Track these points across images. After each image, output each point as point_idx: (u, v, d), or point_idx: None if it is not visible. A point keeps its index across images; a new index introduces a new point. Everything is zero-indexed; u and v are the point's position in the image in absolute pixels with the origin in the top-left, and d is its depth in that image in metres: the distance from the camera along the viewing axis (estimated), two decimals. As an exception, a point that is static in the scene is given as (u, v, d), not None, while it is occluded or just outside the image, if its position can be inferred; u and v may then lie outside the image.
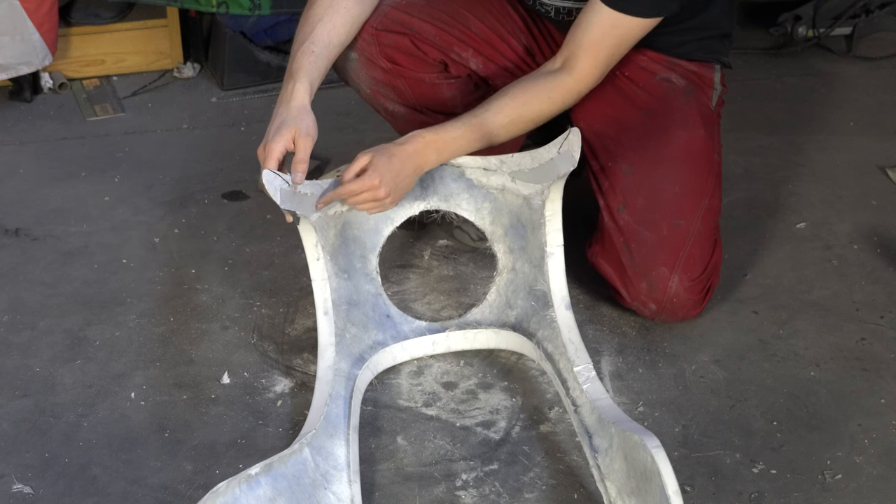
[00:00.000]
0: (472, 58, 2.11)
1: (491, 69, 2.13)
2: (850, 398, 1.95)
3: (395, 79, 2.10)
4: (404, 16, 2.07)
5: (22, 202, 2.48)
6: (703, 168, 2.07)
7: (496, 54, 2.13)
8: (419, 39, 2.07)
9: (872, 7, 3.23)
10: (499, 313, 2.04)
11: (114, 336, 2.08)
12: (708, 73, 2.16)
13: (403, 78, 2.10)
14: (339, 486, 1.69)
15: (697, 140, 2.07)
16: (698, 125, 2.09)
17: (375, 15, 2.06)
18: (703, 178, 2.07)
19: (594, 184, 2.12)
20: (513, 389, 1.97)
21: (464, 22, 2.10)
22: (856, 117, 2.88)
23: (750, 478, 1.79)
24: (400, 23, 2.06)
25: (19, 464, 1.79)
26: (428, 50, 2.07)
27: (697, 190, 2.05)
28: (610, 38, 1.97)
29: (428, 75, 2.10)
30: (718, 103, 2.18)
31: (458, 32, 2.09)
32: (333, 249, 1.96)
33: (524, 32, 2.15)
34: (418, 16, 2.08)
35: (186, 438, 1.85)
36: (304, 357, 2.03)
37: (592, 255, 2.10)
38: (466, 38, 2.10)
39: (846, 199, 2.52)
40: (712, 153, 2.11)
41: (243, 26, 2.98)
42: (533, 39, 2.15)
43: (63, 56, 2.95)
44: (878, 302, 2.19)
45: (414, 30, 2.07)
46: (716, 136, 2.13)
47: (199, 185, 2.55)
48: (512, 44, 2.14)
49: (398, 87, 2.11)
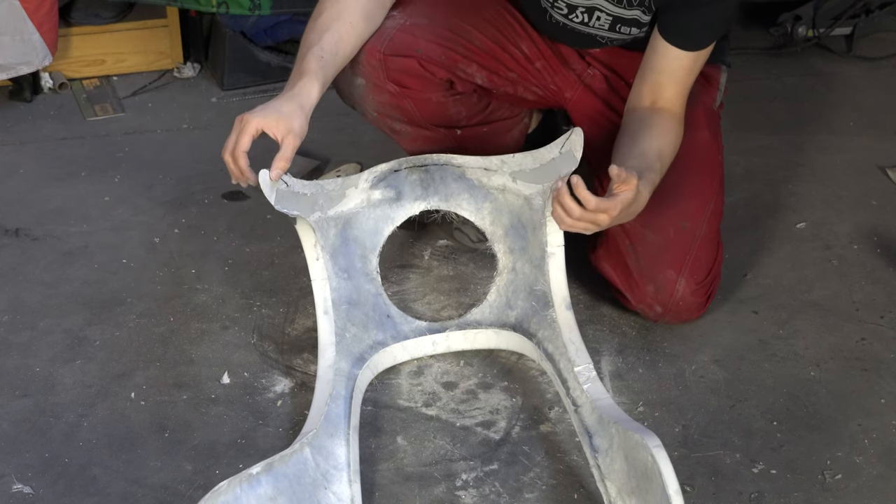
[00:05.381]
0: (476, 72, 2.11)
1: (495, 81, 2.13)
2: (850, 398, 1.95)
3: (403, 100, 2.09)
4: (410, 37, 2.05)
5: (22, 202, 2.48)
6: (708, 169, 2.07)
7: (499, 66, 2.13)
8: (426, 60, 2.05)
9: (872, 7, 3.23)
10: (499, 313, 2.04)
11: (114, 336, 2.08)
12: (715, 73, 2.17)
13: (411, 99, 2.09)
14: (340, 485, 1.69)
15: (703, 141, 2.07)
16: (703, 126, 2.09)
17: (380, 38, 2.04)
18: (709, 179, 2.07)
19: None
20: (513, 389, 1.97)
21: (466, 36, 2.09)
22: (856, 117, 2.88)
23: (750, 478, 1.79)
24: (406, 45, 2.04)
25: (19, 464, 1.79)
26: (435, 70, 2.07)
27: (703, 192, 2.05)
28: (695, 72, 2.01)
29: (434, 94, 2.09)
30: (720, 105, 2.18)
31: (461, 49, 2.08)
32: (334, 249, 1.96)
33: (524, 38, 2.15)
34: (423, 36, 2.06)
35: (186, 438, 1.85)
36: (304, 357, 2.03)
37: (596, 258, 2.10)
38: (470, 53, 2.09)
39: (846, 199, 2.52)
40: (717, 154, 2.11)
41: (243, 26, 2.98)
42: (533, 44, 2.15)
43: (63, 56, 2.95)
44: (878, 302, 2.19)
45: (420, 51, 2.05)
46: (719, 137, 2.14)
47: (199, 185, 2.55)
48: (513, 52, 2.13)
49: (405, 107, 2.10)
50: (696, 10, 1.94)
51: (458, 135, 2.18)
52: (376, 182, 2.03)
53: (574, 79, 2.18)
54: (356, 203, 2.02)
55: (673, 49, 1.97)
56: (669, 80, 1.99)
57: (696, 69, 2.01)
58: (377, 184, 2.03)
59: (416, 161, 2.05)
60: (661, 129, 1.97)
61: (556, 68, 2.17)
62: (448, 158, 2.06)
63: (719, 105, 2.19)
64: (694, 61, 1.99)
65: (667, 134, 1.97)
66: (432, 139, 2.16)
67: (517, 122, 2.28)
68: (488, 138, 2.22)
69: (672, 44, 1.97)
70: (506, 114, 2.23)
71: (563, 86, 2.19)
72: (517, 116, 2.27)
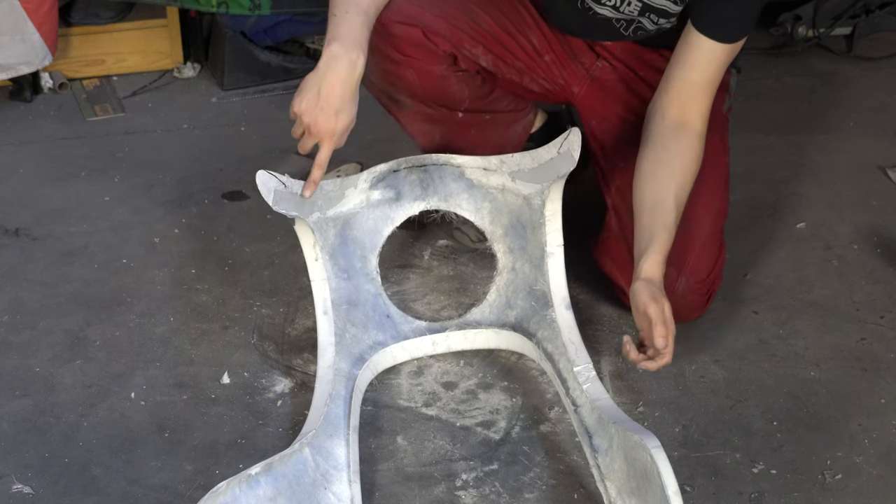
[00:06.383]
0: (482, 55, 2.10)
1: (500, 67, 2.13)
2: (850, 398, 1.95)
3: (405, 70, 2.08)
4: (417, 9, 2.05)
5: (22, 202, 2.48)
6: (714, 170, 2.06)
7: (506, 53, 2.12)
8: (430, 32, 2.05)
9: (872, 7, 3.23)
10: (499, 313, 2.04)
11: (114, 336, 2.08)
12: (725, 77, 2.16)
13: (413, 69, 2.08)
14: (340, 486, 1.69)
15: (711, 143, 2.06)
16: (711, 127, 2.08)
17: (388, 7, 2.03)
18: (715, 180, 2.06)
19: (602, 184, 2.12)
20: (513, 389, 1.97)
21: (475, 19, 2.09)
22: (856, 117, 2.88)
23: (750, 478, 1.79)
24: (412, 16, 2.05)
25: (19, 464, 1.79)
26: (439, 41, 2.06)
27: (709, 192, 2.04)
28: (723, 69, 1.97)
29: (437, 67, 2.09)
30: (728, 109, 2.17)
31: (469, 29, 2.08)
32: (333, 249, 1.96)
33: (534, 30, 2.14)
34: (431, 11, 2.06)
35: (186, 438, 1.85)
36: (304, 357, 2.03)
37: (598, 254, 2.10)
38: (477, 35, 2.09)
39: (846, 199, 2.52)
40: (724, 156, 2.10)
41: (243, 26, 2.98)
42: (543, 37, 2.14)
43: (63, 56, 2.95)
44: (878, 302, 2.19)
45: (425, 23, 2.06)
46: (726, 139, 2.13)
47: (199, 185, 2.55)
48: (522, 43, 2.13)
49: (407, 78, 2.09)
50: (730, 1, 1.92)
51: (459, 118, 2.17)
52: (375, 182, 2.03)
53: (582, 73, 2.18)
54: (355, 203, 2.02)
55: (706, 41, 1.93)
56: (699, 78, 1.95)
57: (725, 65, 1.97)
58: (376, 184, 2.03)
59: (415, 161, 2.05)
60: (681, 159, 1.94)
61: (564, 62, 2.16)
62: (447, 158, 2.06)
63: (728, 109, 2.18)
64: (726, 55, 1.95)
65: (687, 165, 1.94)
66: (432, 118, 2.15)
67: (521, 116, 2.27)
68: (490, 128, 2.21)
69: (706, 35, 1.93)
70: (510, 106, 2.23)
71: (571, 80, 2.18)
72: (521, 111, 2.26)
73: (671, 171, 1.93)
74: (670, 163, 1.94)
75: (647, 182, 1.94)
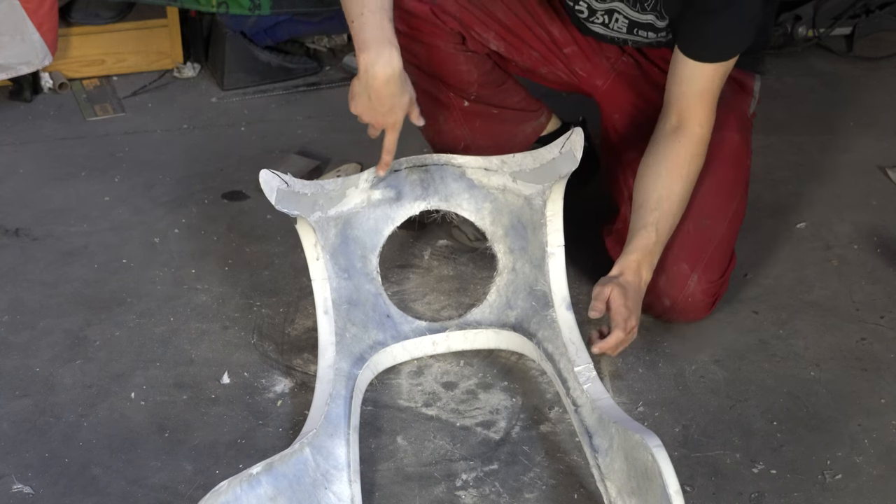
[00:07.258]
0: (493, 39, 2.10)
1: (514, 54, 2.13)
2: (850, 398, 1.95)
3: (413, 43, 2.08)
4: None
5: (22, 202, 2.48)
6: (735, 170, 2.06)
7: (519, 41, 2.12)
8: (440, 10, 2.06)
9: (872, 7, 3.23)
10: (499, 313, 2.04)
11: (114, 336, 2.08)
12: (749, 81, 2.16)
13: (422, 43, 2.08)
14: (340, 485, 1.69)
15: (732, 142, 2.06)
16: (734, 128, 2.07)
17: None
18: (735, 180, 2.06)
19: (620, 176, 2.12)
20: (513, 389, 1.97)
21: (489, 7, 2.09)
22: (856, 117, 2.88)
23: (750, 478, 1.79)
24: None
25: (19, 464, 1.79)
26: (447, 20, 2.07)
27: (729, 191, 2.04)
28: (718, 82, 1.94)
29: (445, 44, 2.09)
30: (752, 114, 2.17)
31: (481, 15, 2.08)
32: (334, 249, 1.96)
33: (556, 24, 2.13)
34: None
35: (186, 438, 1.85)
36: (304, 357, 2.03)
37: (611, 243, 2.10)
38: (489, 23, 2.09)
39: (846, 199, 2.52)
40: (746, 158, 2.10)
41: (243, 26, 2.98)
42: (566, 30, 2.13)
43: (63, 56, 2.95)
44: (878, 302, 2.19)
45: (436, 2, 2.06)
46: (749, 142, 2.12)
47: (199, 185, 2.55)
48: (539, 34, 2.13)
49: (416, 51, 2.09)
50: (709, 19, 1.87)
51: (466, 107, 2.17)
52: (376, 182, 2.03)
53: (607, 66, 2.18)
54: (356, 203, 2.02)
55: (689, 61, 1.92)
56: (691, 93, 1.94)
57: (719, 82, 1.94)
58: (377, 184, 2.03)
59: (416, 161, 2.05)
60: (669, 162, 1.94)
61: (588, 55, 2.16)
62: (448, 158, 2.06)
63: (752, 113, 2.17)
64: (715, 74, 1.92)
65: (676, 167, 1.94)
66: (438, 103, 2.16)
67: (531, 117, 2.27)
68: (496, 123, 2.21)
69: (688, 55, 1.91)
70: (521, 104, 2.23)
71: (595, 73, 2.18)
72: (533, 112, 2.26)
73: (657, 173, 1.95)
74: (658, 165, 1.95)
75: (638, 184, 1.97)
